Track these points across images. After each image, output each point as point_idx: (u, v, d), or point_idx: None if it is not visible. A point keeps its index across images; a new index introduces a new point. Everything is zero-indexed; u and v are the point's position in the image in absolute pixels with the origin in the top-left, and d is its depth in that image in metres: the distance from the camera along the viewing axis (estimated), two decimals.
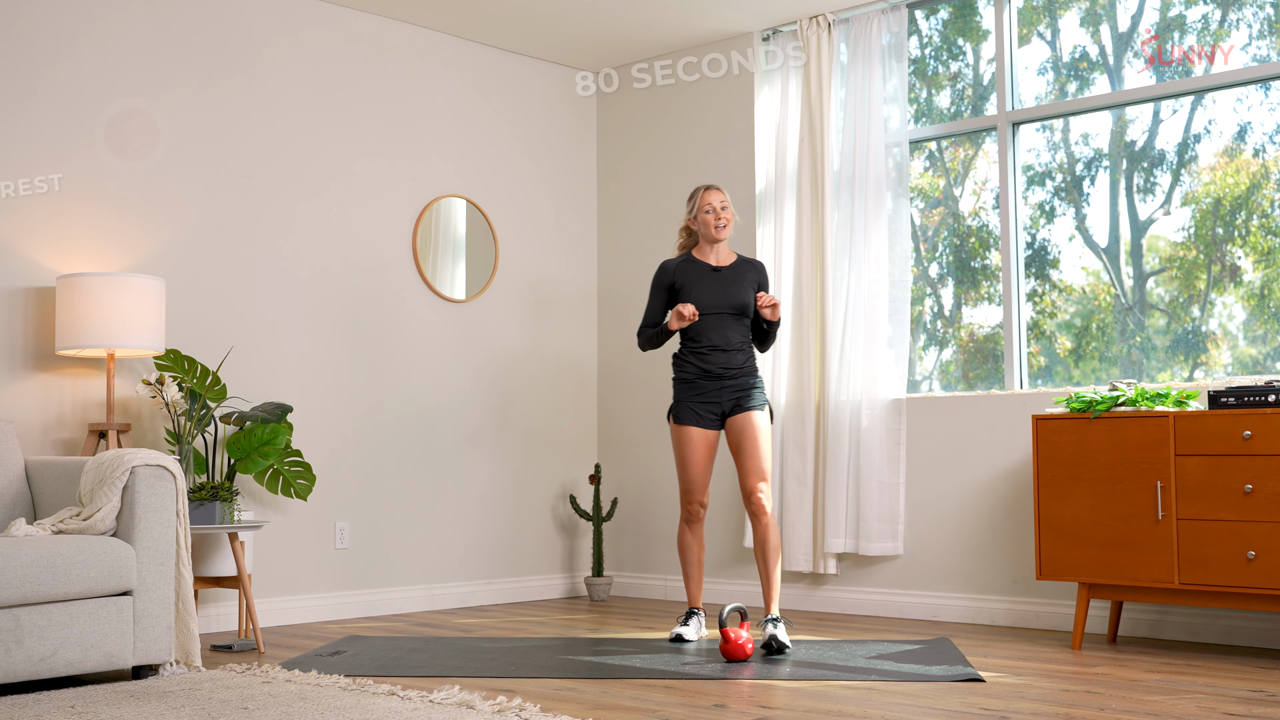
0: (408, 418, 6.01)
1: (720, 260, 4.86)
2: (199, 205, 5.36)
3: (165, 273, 5.18)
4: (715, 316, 4.78)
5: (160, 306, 4.79)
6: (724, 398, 4.78)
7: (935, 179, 6.04)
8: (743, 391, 4.77)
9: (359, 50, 5.93)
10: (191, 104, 5.33)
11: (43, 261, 4.89)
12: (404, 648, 4.72)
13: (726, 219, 4.81)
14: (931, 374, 5.94)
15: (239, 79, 5.50)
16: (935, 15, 6.00)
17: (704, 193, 4.84)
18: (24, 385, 4.82)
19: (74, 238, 4.98)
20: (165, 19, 5.30)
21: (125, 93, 5.13)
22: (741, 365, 4.78)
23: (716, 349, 4.76)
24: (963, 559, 5.47)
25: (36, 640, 3.74)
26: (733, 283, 4.80)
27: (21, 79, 4.88)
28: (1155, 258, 5.38)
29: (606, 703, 3.64)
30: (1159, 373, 5.26)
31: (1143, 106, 5.34)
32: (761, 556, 4.71)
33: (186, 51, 5.35)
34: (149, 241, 5.19)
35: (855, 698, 3.69)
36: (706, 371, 4.78)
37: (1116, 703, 3.59)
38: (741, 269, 4.86)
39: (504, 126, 6.52)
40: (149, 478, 4.06)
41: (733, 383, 4.77)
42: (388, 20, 6.04)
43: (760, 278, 4.87)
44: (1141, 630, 4.96)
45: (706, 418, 4.79)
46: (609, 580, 6.45)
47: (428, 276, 6.12)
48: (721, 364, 4.76)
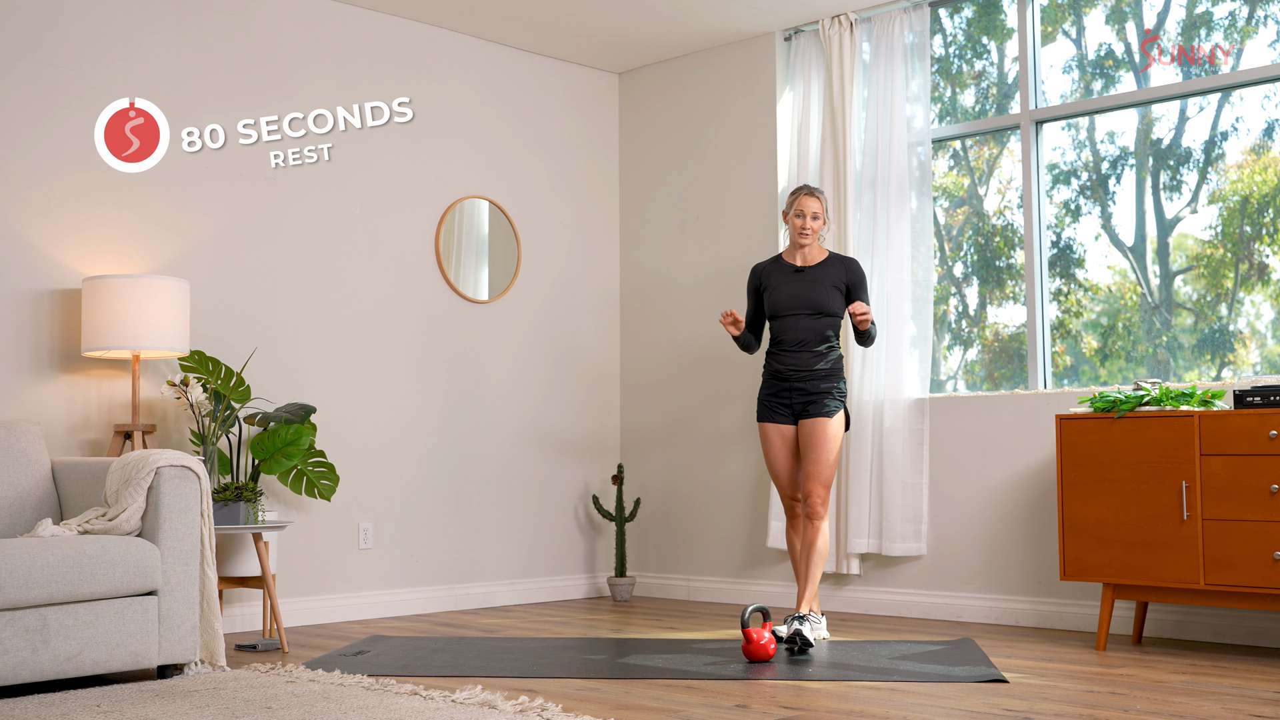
0: (430, 418, 6.03)
1: (807, 260, 4.94)
2: (223, 207, 5.39)
3: (189, 274, 5.21)
4: (792, 318, 4.88)
5: (185, 308, 4.82)
6: (794, 399, 4.87)
7: (960, 178, 6.01)
8: (813, 396, 4.84)
9: (381, 52, 5.95)
10: (215, 105, 5.36)
11: (69, 264, 4.93)
12: (427, 647, 4.73)
13: (814, 229, 4.91)
14: (956, 374, 5.92)
15: (263, 80, 5.53)
16: (959, 14, 5.97)
17: (802, 198, 4.94)
18: (51, 387, 4.85)
19: (99, 240, 5.02)
20: (190, 22, 5.33)
21: (150, 96, 5.16)
22: (814, 368, 4.84)
23: (789, 350, 4.87)
24: (986, 559, 5.45)
25: (63, 640, 3.76)
26: (813, 283, 4.88)
27: (49, 83, 4.92)
28: (1182, 256, 5.34)
29: (628, 703, 3.64)
30: (1186, 372, 5.22)
31: (1169, 104, 5.30)
32: (805, 558, 4.78)
33: (211, 54, 5.38)
34: (173, 243, 5.23)
35: (878, 698, 3.68)
36: (778, 372, 4.91)
37: (1141, 704, 3.56)
38: (826, 269, 4.93)
39: (526, 127, 6.54)
40: (174, 478, 4.08)
41: (803, 384, 4.85)
42: (410, 22, 6.05)
43: (850, 275, 4.92)
44: (1167, 631, 4.93)
45: (780, 414, 4.90)
46: (632, 580, 6.45)
47: (450, 277, 6.14)
48: (792, 365, 4.86)
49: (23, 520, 4.25)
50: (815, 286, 4.88)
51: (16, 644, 3.66)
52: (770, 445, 4.93)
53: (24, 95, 4.87)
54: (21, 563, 3.68)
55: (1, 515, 4.20)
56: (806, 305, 4.86)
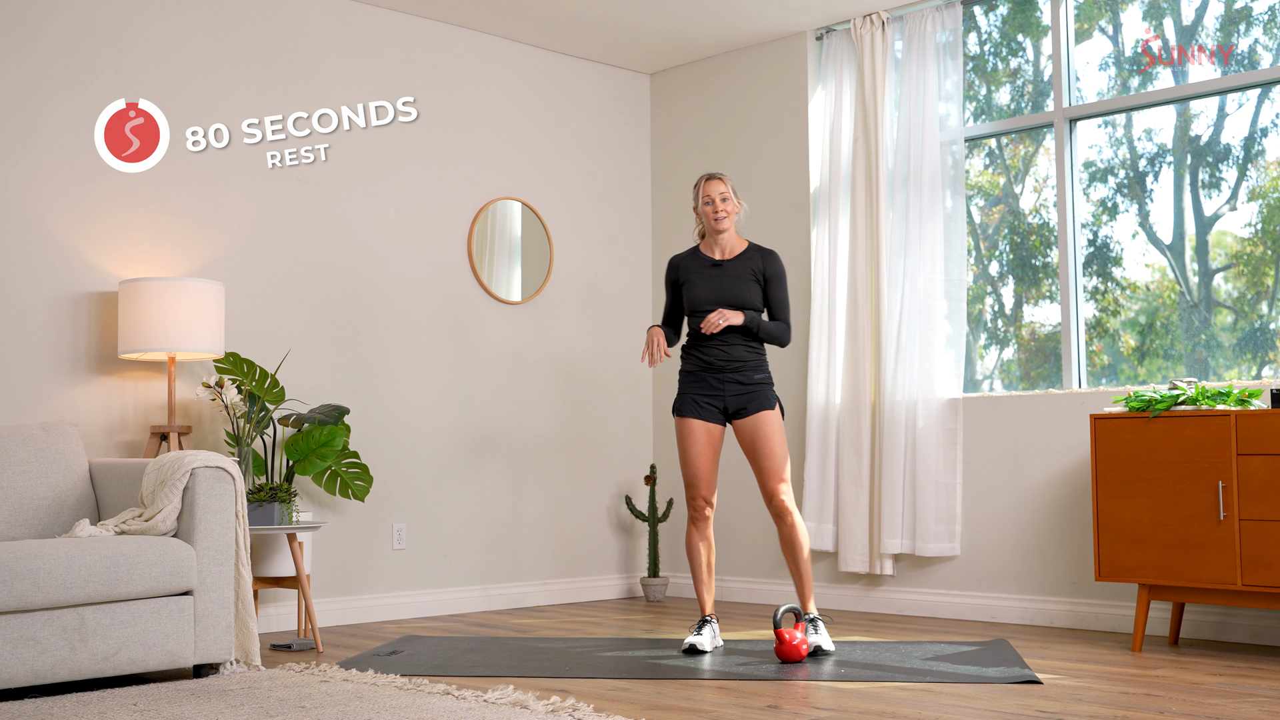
0: (464, 419, 6.05)
1: (725, 253, 4.76)
2: (257, 210, 5.43)
3: (224, 277, 5.26)
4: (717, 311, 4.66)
5: (219, 310, 4.86)
6: (727, 391, 4.68)
7: (995, 176, 5.97)
8: (749, 390, 4.67)
9: (414, 55, 5.98)
10: (250, 110, 5.40)
11: (105, 267, 4.98)
12: (460, 648, 4.75)
13: (727, 210, 4.70)
14: (992, 373, 5.88)
15: (297, 84, 5.57)
16: (994, 11, 5.93)
17: (705, 183, 4.74)
18: (88, 389, 4.91)
19: (136, 243, 5.07)
20: (225, 27, 5.38)
21: (185, 100, 5.21)
22: (745, 359, 4.68)
23: (719, 341, 4.67)
24: (1021, 560, 5.41)
25: (100, 639, 3.81)
26: (731, 277, 4.70)
27: (89, 88, 4.97)
28: (1221, 254, 5.28)
29: (660, 703, 3.64)
30: (1226, 371, 5.16)
31: (1207, 100, 5.25)
32: (791, 557, 4.66)
33: (245, 58, 5.43)
34: (208, 246, 5.27)
35: (910, 699, 3.66)
36: (708, 364, 4.69)
37: (1176, 705, 3.53)
38: (744, 261, 4.74)
39: (558, 129, 6.55)
40: (209, 479, 4.12)
41: (735, 375, 4.67)
42: (442, 24, 6.08)
43: (769, 267, 4.73)
44: (1205, 632, 4.87)
45: (707, 409, 4.69)
46: (665, 581, 6.44)
47: (483, 279, 6.16)
48: (724, 356, 4.67)
49: (61, 521, 4.30)
50: (733, 280, 4.69)
51: (55, 643, 3.71)
52: (694, 442, 4.68)
53: (60, 99, 4.92)
54: (60, 563, 3.73)
55: (40, 516, 4.26)
56: (726, 300, 4.67)
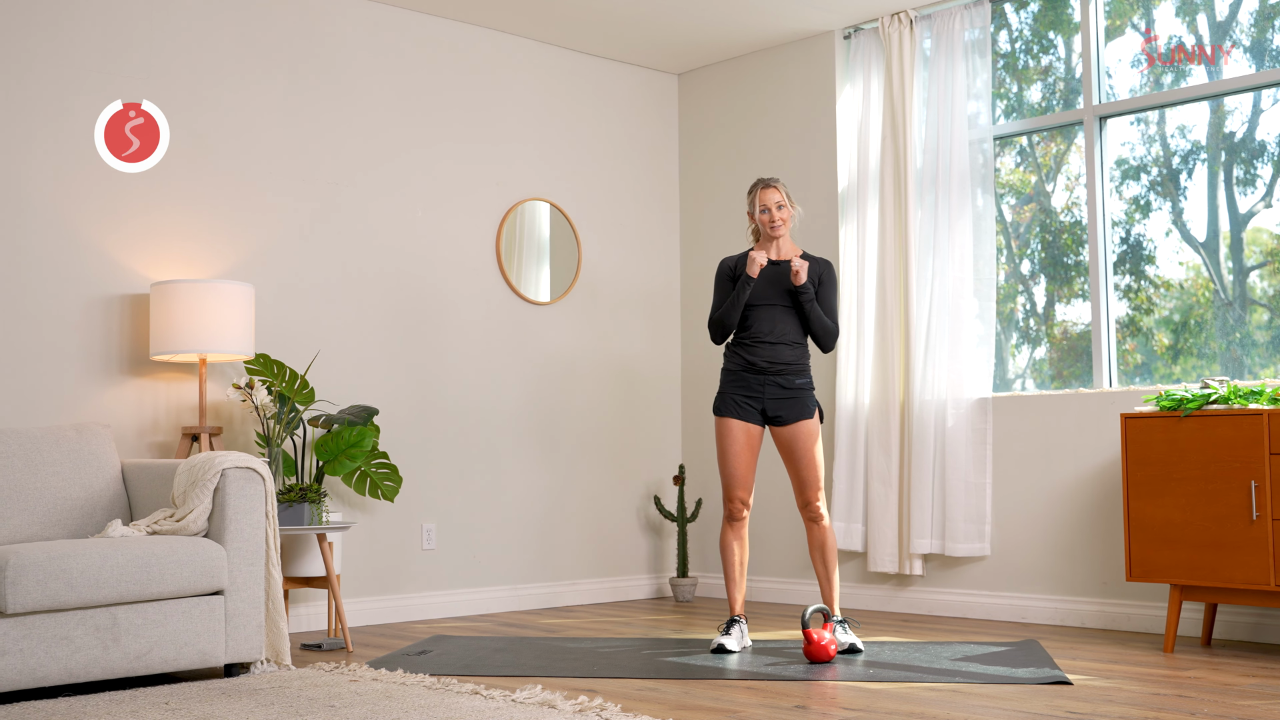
0: (493, 419, 6.06)
1: (781, 254, 4.80)
2: (287, 212, 5.46)
3: (254, 278, 5.29)
4: (767, 308, 4.71)
5: (250, 311, 4.89)
6: (766, 394, 4.69)
7: (1027, 175, 5.93)
8: (788, 396, 4.69)
9: (442, 56, 6.00)
10: (279, 113, 5.44)
11: (137, 269, 5.03)
12: (489, 647, 4.76)
13: (782, 218, 4.74)
14: (1024, 372, 5.84)
15: (326, 88, 5.60)
16: (1025, 8, 5.90)
17: (761, 191, 4.76)
18: (120, 390, 4.95)
19: (167, 245, 5.11)
20: (254, 30, 5.41)
21: (214, 102, 5.25)
22: (790, 362, 4.70)
23: (764, 342, 4.69)
24: (1051, 560, 5.37)
25: (132, 638, 3.84)
26: (789, 276, 4.72)
27: (119, 91, 5.00)
28: (1257, 251, 5.22)
29: (688, 703, 3.63)
30: (1261, 369, 5.11)
31: (1241, 96, 5.20)
32: (821, 560, 4.71)
33: (274, 61, 5.46)
34: (239, 248, 5.31)
35: (939, 699, 3.65)
36: (751, 364, 4.71)
37: (1208, 707, 3.50)
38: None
39: (586, 129, 6.55)
40: (239, 480, 4.15)
41: (777, 379, 4.69)
42: (470, 26, 6.10)
43: (823, 271, 4.77)
44: (1239, 633, 4.83)
45: (748, 410, 4.70)
46: (694, 581, 6.44)
47: (511, 279, 6.17)
48: (768, 358, 4.68)
49: (94, 521, 4.34)
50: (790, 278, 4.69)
51: (88, 642, 3.75)
52: (733, 442, 4.69)
53: (91, 102, 4.96)
54: (93, 563, 3.77)
55: (73, 516, 4.30)
56: (781, 297, 4.70)
